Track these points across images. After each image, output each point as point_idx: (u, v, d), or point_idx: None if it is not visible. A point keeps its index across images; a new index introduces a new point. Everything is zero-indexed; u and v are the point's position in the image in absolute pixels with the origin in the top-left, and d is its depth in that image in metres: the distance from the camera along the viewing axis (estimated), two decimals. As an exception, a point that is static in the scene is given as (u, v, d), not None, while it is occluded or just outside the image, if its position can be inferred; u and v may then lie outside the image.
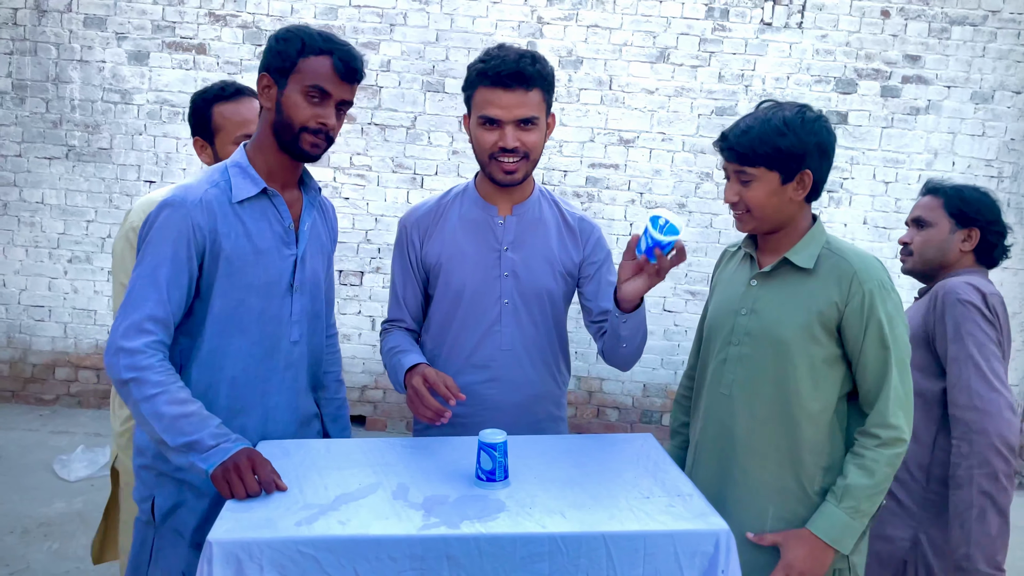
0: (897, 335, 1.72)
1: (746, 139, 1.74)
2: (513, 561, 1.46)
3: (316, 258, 1.97)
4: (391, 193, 5.02)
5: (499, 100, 1.93)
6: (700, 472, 1.94)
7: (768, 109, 1.78)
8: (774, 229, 1.83)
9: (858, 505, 1.70)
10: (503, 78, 1.91)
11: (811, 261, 1.79)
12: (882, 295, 1.72)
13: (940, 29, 4.86)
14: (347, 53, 1.80)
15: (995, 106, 4.91)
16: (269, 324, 1.87)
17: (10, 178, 4.98)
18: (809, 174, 1.75)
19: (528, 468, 1.78)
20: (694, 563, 1.51)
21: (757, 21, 4.88)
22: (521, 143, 1.95)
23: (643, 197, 5.02)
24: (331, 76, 1.78)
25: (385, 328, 2.20)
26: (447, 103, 4.94)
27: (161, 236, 1.73)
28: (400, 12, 4.87)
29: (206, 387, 1.81)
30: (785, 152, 1.72)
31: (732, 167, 1.79)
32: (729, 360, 1.88)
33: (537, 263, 2.08)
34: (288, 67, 1.78)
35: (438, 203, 2.15)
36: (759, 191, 1.76)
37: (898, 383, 1.71)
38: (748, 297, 1.87)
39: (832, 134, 1.78)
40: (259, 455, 1.64)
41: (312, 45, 1.78)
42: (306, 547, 1.42)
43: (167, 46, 4.89)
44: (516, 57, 1.92)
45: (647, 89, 4.94)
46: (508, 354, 2.09)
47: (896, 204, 5.00)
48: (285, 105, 1.79)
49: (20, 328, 5.12)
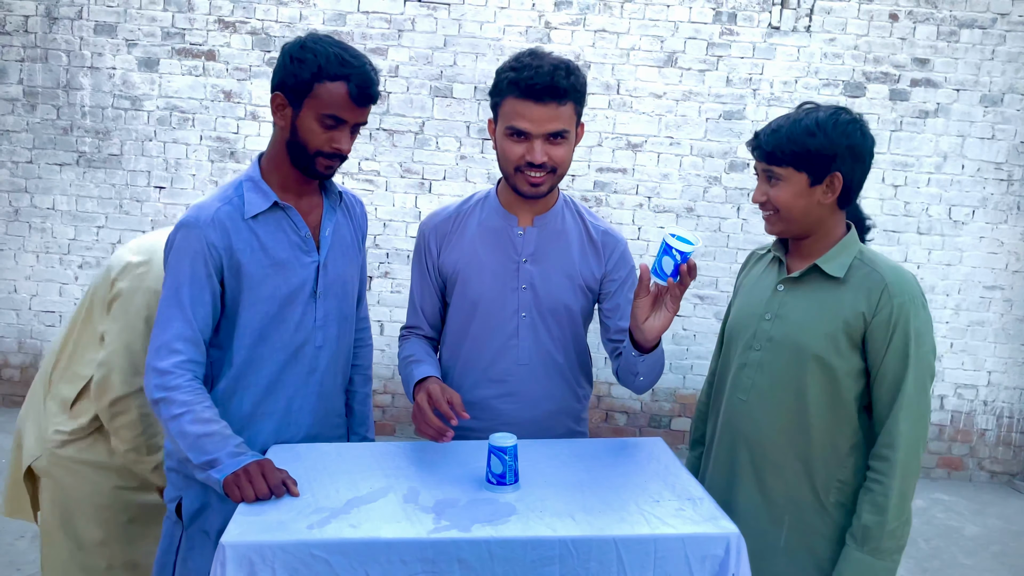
0: (922, 354, 1.66)
1: (775, 138, 1.71)
2: (524, 564, 1.46)
3: (340, 261, 1.98)
4: (399, 198, 5.03)
5: (530, 113, 1.83)
6: (714, 478, 1.90)
7: (804, 110, 1.75)
8: (804, 233, 1.78)
9: (879, 544, 1.64)
10: (536, 91, 1.80)
11: (842, 270, 1.73)
12: (912, 311, 1.66)
13: (949, 32, 4.85)
14: (363, 77, 1.77)
15: (1004, 109, 4.90)
16: (294, 331, 1.89)
17: (21, 184, 5.02)
18: (839, 177, 1.70)
19: (538, 472, 1.78)
20: (704, 566, 1.51)
21: (765, 25, 4.88)
22: (549, 157, 1.86)
23: (651, 201, 5.02)
24: (346, 103, 1.77)
25: (403, 335, 2.16)
26: (455, 108, 4.96)
27: (179, 257, 1.77)
28: (408, 18, 4.89)
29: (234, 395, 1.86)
30: (814, 153, 1.68)
31: (761, 166, 1.76)
32: (749, 365, 1.84)
33: (556, 276, 2.02)
34: (303, 90, 1.77)
35: (458, 210, 2.08)
36: (786, 191, 1.72)
37: (913, 400, 1.65)
38: (774, 302, 1.83)
39: (868, 137, 1.73)
40: (270, 463, 1.66)
41: (328, 71, 1.75)
42: (318, 550, 1.43)
43: (177, 53, 4.92)
44: (551, 69, 1.80)
45: (655, 93, 4.94)
46: (525, 369, 2.04)
47: (905, 207, 4.98)
48: (300, 128, 1.79)
49: (31, 333, 5.15)
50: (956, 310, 5.05)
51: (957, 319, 5.06)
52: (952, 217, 4.99)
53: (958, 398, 5.12)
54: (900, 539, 1.66)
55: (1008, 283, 5.03)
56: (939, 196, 4.97)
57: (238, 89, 4.93)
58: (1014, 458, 5.16)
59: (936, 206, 4.98)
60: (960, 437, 5.14)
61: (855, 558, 1.67)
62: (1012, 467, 5.15)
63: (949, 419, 5.13)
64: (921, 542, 4.12)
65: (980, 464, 5.16)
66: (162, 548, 1.94)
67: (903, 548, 1.69)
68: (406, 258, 5.04)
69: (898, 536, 1.66)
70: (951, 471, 5.16)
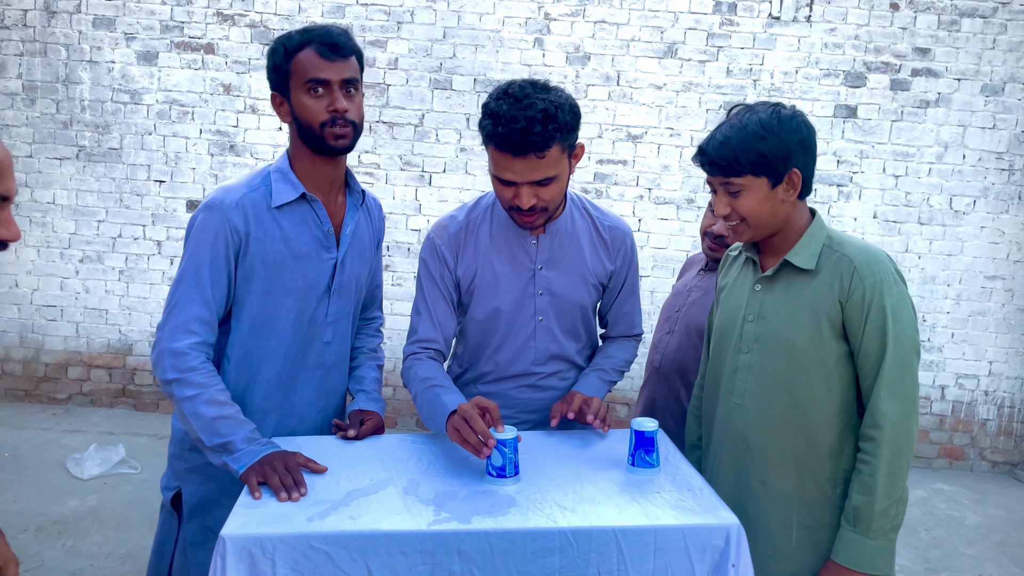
0: (900, 330, 1.65)
1: (727, 150, 1.69)
2: (524, 555, 1.47)
3: (357, 261, 2.00)
4: (399, 191, 5.03)
5: (511, 165, 1.80)
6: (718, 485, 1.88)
7: (740, 115, 1.73)
8: (772, 233, 1.79)
9: (870, 525, 1.64)
10: (511, 147, 1.77)
11: (812, 261, 1.74)
12: (884, 289, 1.66)
13: (950, 21, 4.83)
14: (325, 35, 1.79)
15: (1006, 98, 4.88)
16: (304, 325, 1.90)
17: (21, 179, 5.01)
18: (797, 172, 1.71)
19: (538, 464, 1.79)
20: (704, 557, 1.51)
21: (765, 15, 4.86)
22: (539, 198, 1.85)
23: (651, 193, 5.01)
24: (319, 63, 1.78)
25: (415, 352, 2.06)
26: (455, 100, 4.95)
27: (200, 238, 1.78)
28: (407, 10, 4.87)
29: (244, 387, 1.87)
30: (770, 156, 1.67)
31: (717, 180, 1.75)
32: (740, 368, 1.84)
33: (571, 279, 2.06)
34: (283, 75, 1.80)
35: (467, 219, 2.06)
36: (750, 200, 1.72)
37: (894, 374, 1.64)
38: (754, 303, 1.83)
39: (810, 128, 1.73)
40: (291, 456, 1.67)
41: (291, 44, 1.78)
42: (318, 542, 1.43)
43: (176, 46, 4.91)
44: (526, 124, 1.73)
45: (655, 84, 4.93)
46: (542, 365, 2.11)
47: (906, 198, 4.97)
48: (297, 111, 1.81)
49: (32, 328, 5.16)
50: (957, 300, 5.05)
51: (958, 309, 5.06)
52: (953, 207, 4.98)
53: (959, 388, 5.12)
54: (893, 519, 1.66)
55: (1009, 273, 5.02)
56: (940, 186, 4.96)
57: (237, 82, 4.92)
58: (1015, 448, 5.16)
59: (937, 196, 4.97)
60: (961, 427, 5.14)
61: (848, 539, 1.67)
62: (1013, 457, 5.16)
63: (950, 409, 5.13)
64: (922, 532, 4.13)
65: (981, 454, 5.17)
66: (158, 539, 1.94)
67: (898, 527, 1.68)
68: (407, 251, 5.04)
69: (891, 516, 1.65)
70: (952, 461, 5.17)
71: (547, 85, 1.83)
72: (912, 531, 4.10)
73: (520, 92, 1.78)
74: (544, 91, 1.80)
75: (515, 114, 1.74)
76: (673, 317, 2.41)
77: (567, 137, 1.82)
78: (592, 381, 2.10)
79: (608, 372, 2.16)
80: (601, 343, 2.28)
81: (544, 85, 1.83)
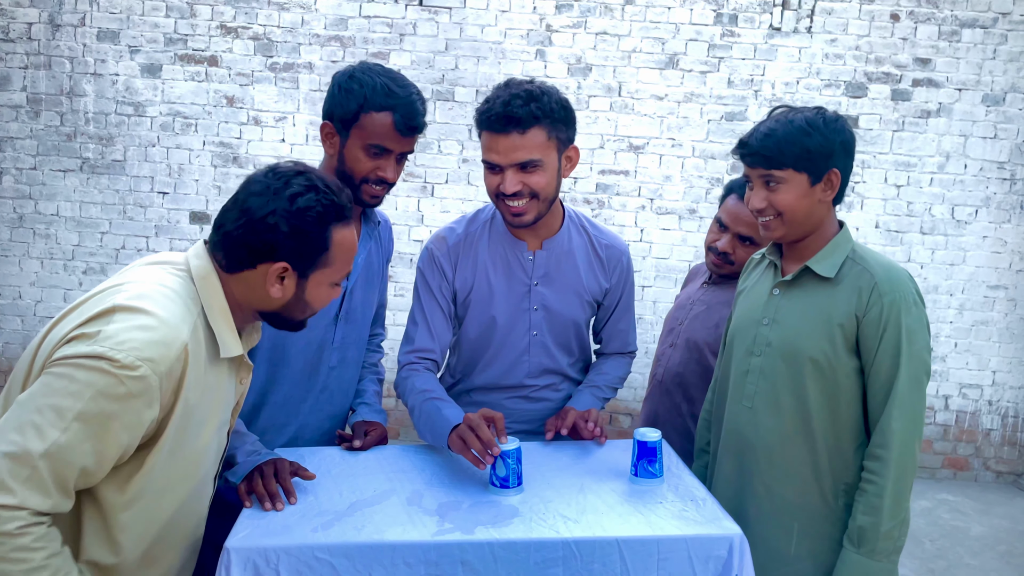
0: (914, 351, 1.64)
1: (772, 141, 1.70)
2: (527, 566, 1.47)
3: (366, 288, 2.01)
4: (402, 202, 5.04)
5: (495, 144, 1.84)
6: (720, 486, 1.89)
7: (785, 113, 1.75)
8: (805, 235, 1.77)
9: (875, 546, 1.63)
10: (494, 121, 1.82)
11: (833, 270, 1.73)
12: (903, 308, 1.65)
13: (950, 32, 4.85)
14: (409, 108, 1.80)
15: (1007, 108, 4.89)
16: (312, 352, 1.92)
17: (25, 191, 5.03)
18: (837, 173, 1.72)
19: (541, 474, 1.79)
20: (708, 567, 1.51)
21: (766, 26, 4.88)
22: (524, 185, 1.86)
23: (653, 203, 5.02)
24: (391, 134, 1.80)
25: (411, 362, 2.06)
26: (457, 112, 4.97)
27: None
28: (410, 22, 4.90)
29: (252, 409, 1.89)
30: (814, 151, 1.68)
31: (757, 172, 1.75)
32: (751, 372, 1.83)
33: (567, 296, 2.07)
34: (350, 120, 1.80)
35: (466, 232, 2.07)
36: (789, 194, 1.71)
37: (905, 395, 1.64)
38: (770, 307, 1.82)
39: (852, 133, 1.76)
40: (283, 463, 1.67)
41: (374, 101, 1.78)
42: (322, 553, 1.43)
43: (179, 58, 4.93)
44: (508, 98, 1.81)
45: (656, 95, 4.94)
46: (535, 378, 2.12)
47: (908, 208, 4.98)
48: (347, 157, 1.82)
49: (36, 339, 5.16)
50: (960, 310, 5.04)
51: (961, 319, 5.05)
52: (955, 217, 4.98)
53: (963, 398, 5.11)
54: (896, 540, 1.65)
55: (1012, 282, 5.02)
56: (942, 196, 4.96)
57: (240, 94, 4.95)
58: (1019, 458, 5.14)
59: (939, 206, 4.97)
60: (965, 437, 5.13)
61: (852, 560, 1.66)
62: (1017, 467, 5.14)
63: (954, 419, 5.12)
64: (927, 542, 4.11)
65: (985, 464, 5.15)
66: None
67: (900, 549, 1.67)
68: (409, 262, 5.04)
69: (894, 537, 1.65)
70: (956, 471, 5.15)
71: (543, 84, 1.89)
72: (916, 542, 4.09)
73: (513, 81, 1.88)
74: (533, 83, 1.87)
75: (499, 93, 1.84)
76: (676, 330, 2.41)
77: (554, 125, 1.85)
78: (586, 398, 2.13)
79: (602, 389, 2.18)
80: (595, 359, 2.30)
81: (540, 83, 1.88)
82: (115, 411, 1.23)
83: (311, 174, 1.45)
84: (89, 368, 1.22)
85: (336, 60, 4.91)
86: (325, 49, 4.91)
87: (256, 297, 1.45)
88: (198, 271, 1.43)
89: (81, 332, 1.26)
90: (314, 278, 1.46)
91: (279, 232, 1.40)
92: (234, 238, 1.42)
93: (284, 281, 1.44)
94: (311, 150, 4.96)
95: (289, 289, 1.45)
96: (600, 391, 2.17)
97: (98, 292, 1.36)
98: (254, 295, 1.45)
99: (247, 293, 1.45)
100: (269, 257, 1.41)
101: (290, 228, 1.40)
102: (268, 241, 1.40)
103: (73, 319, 1.31)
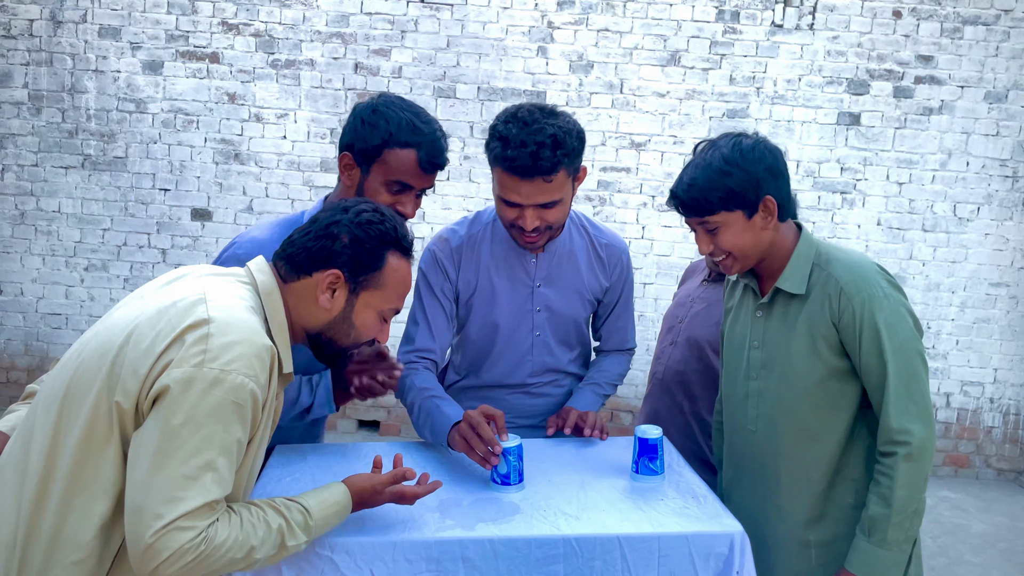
0: (898, 344, 1.64)
1: (695, 191, 1.69)
2: (528, 563, 1.47)
3: None
4: (403, 199, 5.04)
5: (518, 188, 1.83)
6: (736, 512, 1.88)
7: (703, 152, 1.73)
8: (761, 259, 1.78)
9: (885, 536, 1.63)
10: (517, 169, 1.79)
11: (802, 285, 1.73)
12: (874, 306, 1.65)
13: (953, 29, 4.84)
14: (433, 146, 1.79)
15: (1009, 105, 4.88)
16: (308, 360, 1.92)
17: (27, 187, 5.03)
18: (771, 199, 1.70)
19: (542, 471, 1.79)
20: (709, 564, 1.51)
21: (768, 23, 4.87)
22: (542, 220, 1.87)
23: (655, 200, 5.02)
24: (414, 170, 1.79)
25: (411, 361, 2.05)
26: (458, 108, 4.96)
27: None
28: (411, 19, 4.89)
29: None
30: (738, 189, 1.67)
31: (694, 221, 1.75)
32: (751, 395, 1.85)
33: (568, 296, 2.10)
34: (372, 154, 1.78)
35: (469, 233, 2.08)
36: (730, 235, 1.71)
37: (900, 389, 1.64)
38: (756, 330, 1.84)
39: (775, 152, 1.72)
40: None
41: (398, 138, 1.76)
42: (323, 549, 1.44)
43: (181, 55, 4.93)
44: (536, 148, 1.76)
45: (658, 92, 4.94)
46: (538, 376, 2.14)
47: (910, 205, 4.97)
48: (367, 190, 1.80)
49: (38, 336, 5.17)
50: (962, 307, 5.04)
51: (963, 316, 5.05)
52: (957, 214, 4.97)
53: (964, 395, 5.11)
54: (908, 530, 1.66)
55: (1014, 280, 5.01)
56: (944, 193, 4.96)
57: (242, 91, 4.95)
58: (1021, 455, 5.14)
59: (941, 203, 4.97)
60: (966, 434, 5.13)
61: (863, 548, 1.67)
62: (1019, 464, 5.14)
63: (955, 416, 5.12)
64: (928, 540, 4.11)
65: (987, 461, 5.15)
66: None
67: (912, 539, 1.68)
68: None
69: (905, 527, 1.65)
70: (957, 468, 5.15)
71: (554, 110, 1.86)
72: (917, 539, 4.09)
73: (529, 117, 1.81)
74: (552, 116, 1.83)
75: (524, 138, 1.78)
76: (676, 328, 2.40)
77: (573, 162, 1.86)
78: (586, 395, 2.14)
79: (602, 386, 2.19)
80: (594, 356, 2.32)
81: (552, 110, 1.86)
82: (241, 432, 1.29)
83: (384, 209, 1.51)
84: (211, 404, 1.23)
85: (337, 57, 4.91)
86: (327, 46, 4.91)
87: (307, 310, 1.46)
88: (264, 286, 1.44)
89: (181, 355, 1.24)
90: (363, 297, 1.47)
91: (339, 239, 1.43)
92: (298, 244, 1.46)
93: (335, 293, 1.45)
94: (312, 147, 4.96)
95: (339, 302, 1.46)
96: (600, 388, 2.18)
97: (172, 301, 1.32)
98: (305, 308, 1.46)
99: (299, 305, 1.46)
100: (325, 264, 1.44)
101: (350, 237, 1.44)
102: (327, 247, 1.44)
103: (153, 327, 1.28)
